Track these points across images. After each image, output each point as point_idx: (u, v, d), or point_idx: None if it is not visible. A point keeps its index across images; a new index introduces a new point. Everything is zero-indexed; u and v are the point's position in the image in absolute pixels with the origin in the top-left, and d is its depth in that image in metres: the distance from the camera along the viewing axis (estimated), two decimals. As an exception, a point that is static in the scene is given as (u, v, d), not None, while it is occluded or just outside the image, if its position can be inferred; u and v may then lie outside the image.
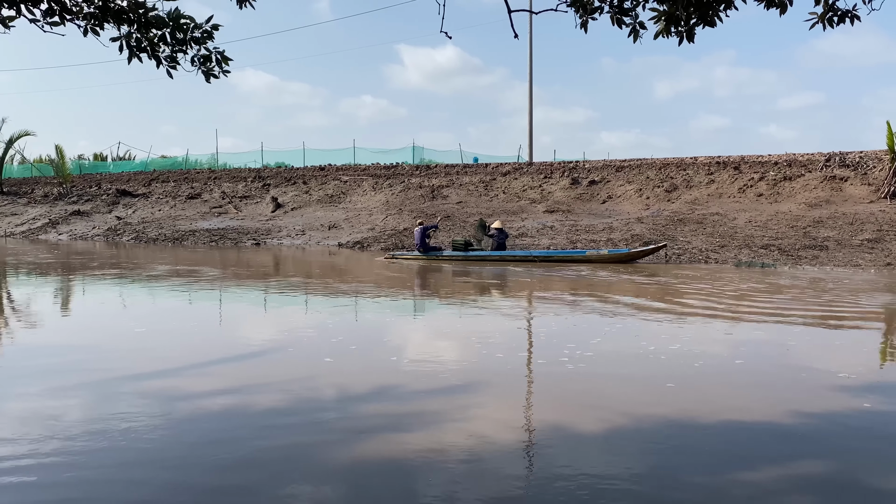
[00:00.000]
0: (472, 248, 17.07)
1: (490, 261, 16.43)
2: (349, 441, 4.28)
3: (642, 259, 15.93)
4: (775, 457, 4.09)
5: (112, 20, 3.63)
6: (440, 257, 17.08)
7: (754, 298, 10.23)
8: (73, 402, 5.19)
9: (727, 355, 6.84)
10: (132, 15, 3.59)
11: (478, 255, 16.73)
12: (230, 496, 3.55)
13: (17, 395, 5.41)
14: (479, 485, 3.65)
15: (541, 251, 17.28)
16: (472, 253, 16.84)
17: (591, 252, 16.27)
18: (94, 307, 10.72)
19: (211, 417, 4.81)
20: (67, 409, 5.00)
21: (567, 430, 4.53)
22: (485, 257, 16.64)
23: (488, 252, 16.85)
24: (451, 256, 16.99)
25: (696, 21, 4.26)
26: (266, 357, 6.91)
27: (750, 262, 15.18)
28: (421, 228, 17.40)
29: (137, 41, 3.69)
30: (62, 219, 30.75)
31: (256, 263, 17.34)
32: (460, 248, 16.98)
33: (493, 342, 7.48)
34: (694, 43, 4.45)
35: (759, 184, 21.86)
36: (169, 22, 3.66)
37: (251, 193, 30.78)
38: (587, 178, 25.53)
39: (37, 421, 4.68)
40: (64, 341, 7.84)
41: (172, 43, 3.71)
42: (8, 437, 4.39)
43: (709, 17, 4.23)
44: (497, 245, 17.06)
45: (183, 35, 3.68)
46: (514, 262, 16.22)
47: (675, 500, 3.55)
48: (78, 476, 3.80)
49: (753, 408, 5.04)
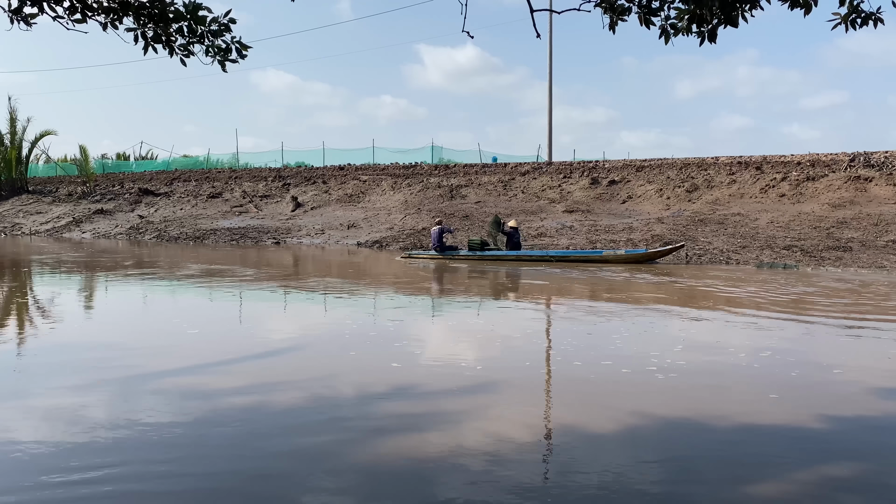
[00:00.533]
0: (488, 247, 17.04)
1: (506, 261, 16.40)
2: (368, 440, 4.28)
3: (661, 259, 15.81)
4: (803, 460, 4.04)
5: (132, 14, 3.68)
6: (456, 257, 17.08)
7: (815, 301, 10.11)
8: (96, 399, 5.25)
9: (766, 357, 6.76)
10: (151, 9, 3.64)
11: (494, 255, 16.71)
12: (250, 494, 3.57)
13: (46, 391, 5.48)
14: (498, 485, 3.62)
15: (557, 251, 17.21)
16: (489, 253, 16.82)
17: (608, 252, 16.18)
18: (130, 306, 10.84)
19: (231, 415, 4.83)
20: (91, 405, 5.06)
21: (587, 431, 4.49)
22: (501, 257, 16.61)
23: (504, 252, 16.82)
24: (467, 256, 16.98)
25: (720, 21, 4.22)
26: (287, 355, 6.94)
27: (772, 263, 15.00)
28: (439, 229, 17.45)
29: (155, 32, 3.74)
30: (86, 217, 31.16)
31: (280, 262, 17.44)
32: (476, 248, 16.96)
33: (512, 342, 7.46)
34: (715, 43, 4.39)
35: (782, 184, 21.60)
36: (187, 15, 3.69)
37: (271, 193, 30.99)
38: (607, 177, 25.40)
39: (61, 417, 4.75)
40: (93, 338, 7.95)
41: (188, 35, 3.75)
42: (33, 432, 4.45)
43: (732, 17, 4.18)
44: (512, 244, 17.02)
45: (200, 28, 3.72)
46: (531, 262, 16.17)
47: (696, 502, 3.51)
48: (101, 472, 3.84)
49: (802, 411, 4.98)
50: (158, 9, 3.62)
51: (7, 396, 5.34)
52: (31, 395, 5.33)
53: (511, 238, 17.10)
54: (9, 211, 34.81)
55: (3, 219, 33.58)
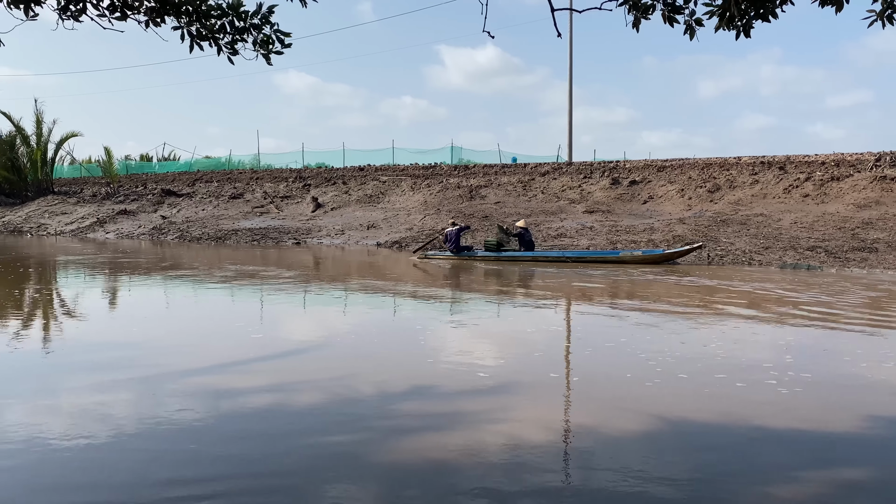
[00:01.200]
0: (503, 248, 17.04)
1: (522, 261, 16.38)
2: (389, 440, 4.30)
3: (683, 261, 15.72)
4: (826, 464, 4.02)
5: (172, 12, 3.75)
6: (472, 257, 17.11)
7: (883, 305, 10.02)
8: (121, 398, 5.33)
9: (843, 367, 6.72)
10: (191, 7, 3.71)
11: (509, 256, 16.70)
12: (271, 494, 3.60)
13: (88, 386, 5.59)
14: (519, 487, 3.62)
15: (574, 251, 17.15)
16: (504, 253, 16.82)
17: (625, 253, 16.11)
18: (184, 307, 10.99)
19: (252, 415, 4.88)
20: (116, 404, 5.14)
21: (607, 433, 4.48)
22: (517, 258, 16.59)
23: (520, 252, 16.81)
24: (483, 256, 17.00)
25: (754, 15, 4.20)
26: (307, 354, 7.00)
27: (795, 264, 14.87)
28: (458, 228, 17.46)
29: (198, 30, 3.81)
30: (109, 218, 31.55)
31: (311, 263, 17.56)
32: (492, 249, 16.96)
33: (533, 343, 7.47)
34: (750, 37, 4.37)
35: (806, 184, 21.39)
36: (229, 11, 3.77)
37: (292, 193, 31.20)
38: (628, 178, 25.29)
39: (86, 415, 4.83)
40: (122, 338, 8.08)
41: (232, 32, 3.82)
42: (59, 429, 4.54)
43: (764, 12, 4.16)
44: (525, 244, 17.03)
45: (243, 23, 3.79)
46: (547, 263, 16.16)
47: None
48: (123, 470, 3.91)
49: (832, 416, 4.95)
50: (196, 5, 3.69)
51: (86, 390, 5.45)
52: (78, 392, 5.44)
53: (523, 238, 17.09)
54: (35, 212, 35.34)
55: (29, 219, 34.10)
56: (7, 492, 3.57)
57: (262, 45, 3.87)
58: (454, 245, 17.23)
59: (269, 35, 3.88)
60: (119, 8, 3.69)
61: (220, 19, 3.81)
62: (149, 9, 3.78)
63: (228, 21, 3.82)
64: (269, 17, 3.80)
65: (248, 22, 3.83)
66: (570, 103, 31.17)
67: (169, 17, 3.79)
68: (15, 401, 5.13)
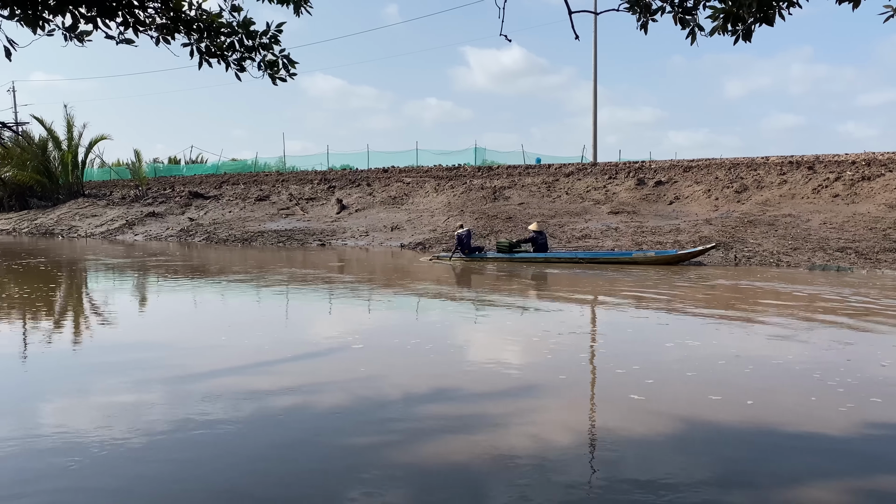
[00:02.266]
0: (516, 249, 16.96)
1: (535, 262, 16.31)
2: (414, 442, 4.32)
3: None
4: (853, 470, 3.93)
5: (183, 30, 3.79)
6: (485, 258, 17.09)
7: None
8: (153, 398, 5.41)
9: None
10: (202, 24, 3.74)
11: (522, 257, 16.65)
12: (296, 494, 3.63)
13: (132, 384, 5.67)
14: (545, 489, 3.61)
15: (586, 252, 17.02)
16: (517, 255, 16.76)
17: (637, 254, 15.98)
18: (257, 311, 11.13)
19: (280, 416, 4.92)
20: (148, 403, 5.22)
21: (633, 436, 4.44)
22: (530, 259, 16.53)
23: (533, 254, 16.73)
24: (495, 257, 16.97)
25: (755, 20, 4.12)
26: (334, 356, 7.03)
27: (825, 265, 14.59)
28: (467, 231, 17.52)
29: (207, 47, 3.85)
30: (138, 220, 32.02)
31: (353, 265, 17.67)
32: (505, 250, 16.92)
33: (554, 344, 7.41)
34: (750, 42, 4.31)
35: (836, 184, 20.98)
36: (239, 30, 3.80)
37: (317, 195, 31.39)
38: (653, 178, 25.03)
39: (120, 414, 4.91)
40: (158, 339, 8.20)
41: (241, 49, 3.85)
42: (92, 427, 4.61)
43: (769, 15, 4.08)
44: (538, 246, 16.91)
45: (252, 42, 3.82)
46: (560, 264, 16.07)
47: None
48: (152, 467, 3.96)
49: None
50: (208, 24, 3.72)
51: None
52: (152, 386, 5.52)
53: (536, 241, 17.00)
54: (66, 214, 35.99)
55: (60, 221, 34.74)
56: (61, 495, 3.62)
57: (269, 66, 3.90)
58: (467, 246, 17.27)
59: (277, 57, 3.91)
60: (132, 24, 3.73)
61: (229, 37, 3.85)
62: (160, 25, 3.82)
63: (238, 39, 3.85)
64: (277, 37, 3.82)
65: (256, 41, 3.86)
66: (595, 103, 30.97)
67: (179, 34, 3.84)
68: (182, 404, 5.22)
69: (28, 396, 5.54)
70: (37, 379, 6.18)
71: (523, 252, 16.88)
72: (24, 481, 3.83)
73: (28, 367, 6.68)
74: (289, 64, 3.96)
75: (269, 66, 3.89)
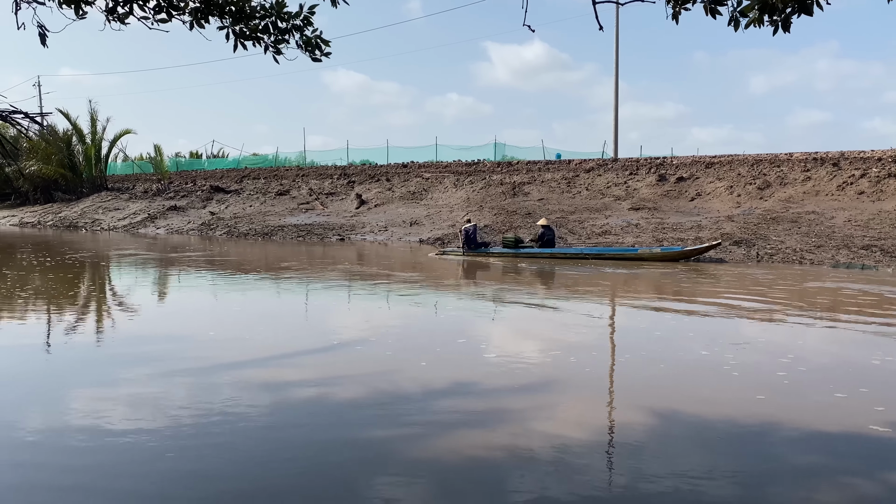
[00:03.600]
0: (522, 245, 17.08)
1: (541, 258, 16.36)
2: (434, 436, 4.32)
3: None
4: (873, 468, 3.90)
5: (216, 13, 3.83)
6: (490, 254, 17.22)
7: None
8: (174, 389, 5.48)
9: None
10: (234, 7, 3.78)
11: (528, 253, 16.74)
12: (315, 485, 3.65)
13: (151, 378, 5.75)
14: (567, 482, 3.60)
15: (592, 248, 17.09)
16: (522, 250, 16.86)
17: (643, 250, 16.07)
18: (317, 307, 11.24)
19: (299, 408, 4.96)
20: (173, 394, 5.29)
21: (654, 432, 4.42)
22: (535, 254, 16.59)
23: (539, 249, 16.81)
24: (500, 253, 17.11)
25: (793, 10, 4.06)
26: (353, 350, 7.07)
27: (849, 263, 14.42)
28: (474, 226, 17.74)
29: (241, 30, 3.89)
30: (160, 214, 32.35)
31: (394, 263, 17.77)
32: (511, 245, 17.04)
33: (573, 340, 7.41)
34: (789, 33, 4.24)
35: (861, 181, 20.70)
36: (272, 11, 3.84)
37: (336, 190, 31.52)
38: (675, 174, 24.85)
39: (142, 404, 4.98)
40: (176, 331, 8.30)
41: (275, 32, 3.89)
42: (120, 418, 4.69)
43: (807, 5, 4.02)
44: (545, 242, 17.01)
45: (285, 24, 3.86)
46: (565, 260, 16.13)
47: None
48: (174, 465, 4.01)
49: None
50: (240, 6, 3.76)
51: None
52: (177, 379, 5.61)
53: (543, 236, 17.08)
54: (89, 207, 36.45)
55: (84, 215, 35.18)
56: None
57: (307, 45, 3.94)
58: (474, 242, 17.41)
59: (310, 37, 3.94)
60: (164, 9, 3.78)
61: (263, 20, 3.88)
62: (193, 9, 3.86)
63: (271, 21, 3.89)
64: (310, 18, 3.85)
65: (290, 23, 3.89)
66: (616, 98, 30.82)
67: (213, 18, 3.88)
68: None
69: (56, 386, 5.62)
70: (63, 370, 6.27)
71: (528, 247, 16.99)
72: (55, 467, 3.90)
73: (57, 357, 6.78)
74: (322, 44, 3.99)
75: (307, 45, 3.92)
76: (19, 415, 4.74)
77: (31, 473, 3.77)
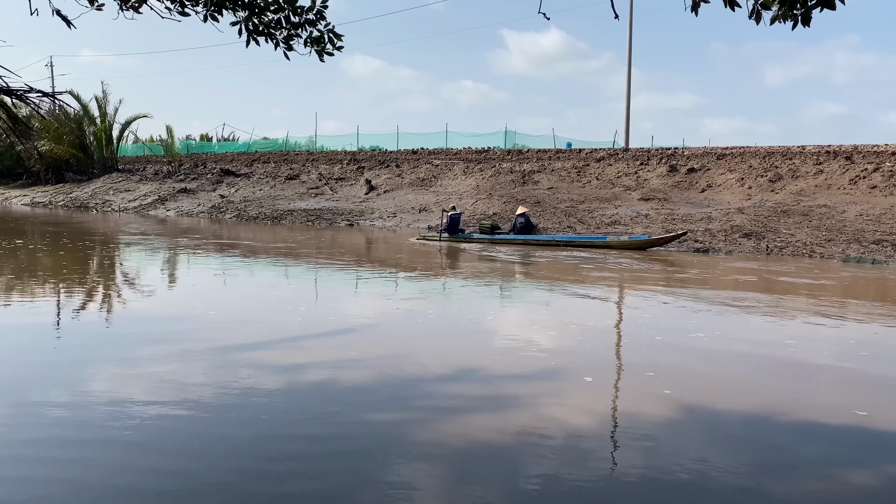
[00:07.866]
0: (498, 230, 18.21)
1: (514, 244, 17.31)
2: (443, 420, 4.35)
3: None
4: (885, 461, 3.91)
5: (229, 6, 3.84)
6: (468, 239, 18.12)
7: None
8: (191, 369, 5.54)
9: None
10: (249, 0, 3.79)
11: (502, 238, 17.76)
12: (325, 471, 3.70)
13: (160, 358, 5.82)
14: (579, 468, 3.64)
15: (562, 236, 17.78)
16: (497, 236, 17.88)
17: (611, 238, 16.79)
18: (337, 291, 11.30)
19: (309, 391, 5.01)
20: (190, 374, 5.35)
21: (661, 421, 4.45)
22: (509, 240, 17.59)
23: (513, 236, 17.74)
24: (478, 238, 18.04)
25: (815, 3, 4.01)
26: (363, 333, 7.11)
27: (860, 257, 14.36)
28: (459, 214, 18.73)
29: (255, 25, 3.90)
30: (170, 196, 32.48)
31: (372, 248, 17.81)
32: (486, 231, 18.16)
33: (579, 327, 7.41)
34: (809, 27, 4.19)
35: (874, 175, 20.55)
36: (285, 6, 3.84)
37: (346, 175, 31.54)
38: (686, 165, 24.73)
39: (157, 385, 5.05)
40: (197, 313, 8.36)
41: (287, 27, 3.90)
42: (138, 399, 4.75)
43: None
44: (520, 229, 17.84)
45: (298, 18, 3.87)
46: (538, 246, 16.86)
47: (778, 494, 3.45)
48: (187, 451, 4.06)
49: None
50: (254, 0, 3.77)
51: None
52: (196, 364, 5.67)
53: (516, 223, 17.99)
54: (100, 188, 36.62)
55: (94, 195, 35.36)
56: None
57: (316, 43, 3.94)
58: (454, 228, 18.28)
59: (323, 33, 3.94)
60: (180, 1, 3.79)
61: (276, 14, 3.89)
62: (207, 2, 3.87)
63: (284, 16, 3.89)
64: (323, 13, 3.85)
65: (302, 17, 3.90)
66: (629, 87, 30.63)
67: (227, 11, 3.89)
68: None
69: (75, 362, 5.70)
70: (81, 346, 6.34)
71: (503, 234, 18.02)
72: (76, 443, 3.96)
73: (74, 335, 6.85)
74: (335, 38, 4.00)
75: (315, 43, 3.93)
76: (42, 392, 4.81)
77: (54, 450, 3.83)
